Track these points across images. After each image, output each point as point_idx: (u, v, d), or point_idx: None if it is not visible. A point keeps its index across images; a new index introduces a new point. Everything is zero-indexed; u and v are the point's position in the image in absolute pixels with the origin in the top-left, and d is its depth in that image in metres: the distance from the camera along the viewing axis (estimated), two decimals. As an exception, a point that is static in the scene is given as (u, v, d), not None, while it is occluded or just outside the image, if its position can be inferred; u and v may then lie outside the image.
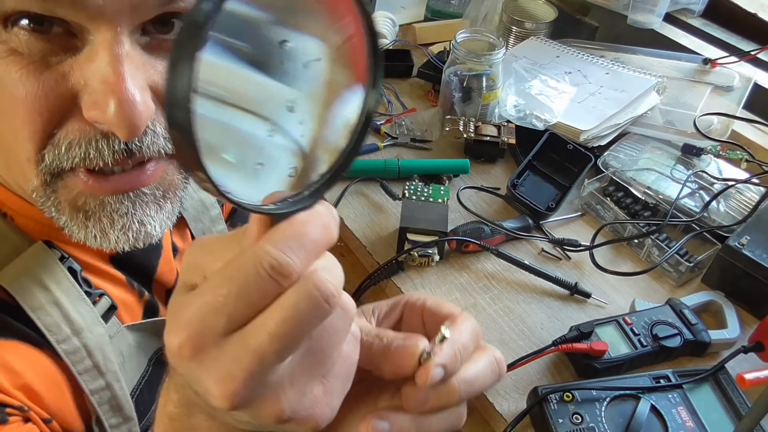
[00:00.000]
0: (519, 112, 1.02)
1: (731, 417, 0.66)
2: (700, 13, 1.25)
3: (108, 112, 0.41)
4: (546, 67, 1.13)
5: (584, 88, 1.09)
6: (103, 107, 0.41)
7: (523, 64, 1.12)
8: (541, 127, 1.00)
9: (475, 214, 0.91)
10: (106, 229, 0.47)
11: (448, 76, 1.05)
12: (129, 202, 0.47)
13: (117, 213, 0.47)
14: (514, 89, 1.06)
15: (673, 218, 0.88)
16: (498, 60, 1.03)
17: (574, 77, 1.11)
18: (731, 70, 1.13)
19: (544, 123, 1.00)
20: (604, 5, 1.25)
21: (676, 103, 1.08)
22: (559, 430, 0.63)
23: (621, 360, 0.71)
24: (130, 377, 0.57)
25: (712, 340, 0.74)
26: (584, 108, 1.04)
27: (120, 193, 0.46)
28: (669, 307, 0.77)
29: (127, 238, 0.48)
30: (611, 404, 0.66)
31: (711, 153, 0.99)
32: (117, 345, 0.55)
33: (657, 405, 0.66)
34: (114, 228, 0.47)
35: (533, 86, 1.07)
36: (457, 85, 1.03)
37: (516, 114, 1.02)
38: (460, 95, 1.03)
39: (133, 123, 0.41)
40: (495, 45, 1.04)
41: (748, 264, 0.79)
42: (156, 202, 0.49)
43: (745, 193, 0.93)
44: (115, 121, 0.41)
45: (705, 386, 0.69)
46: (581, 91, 1.08)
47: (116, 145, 0.44)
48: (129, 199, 0.47)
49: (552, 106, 1.03)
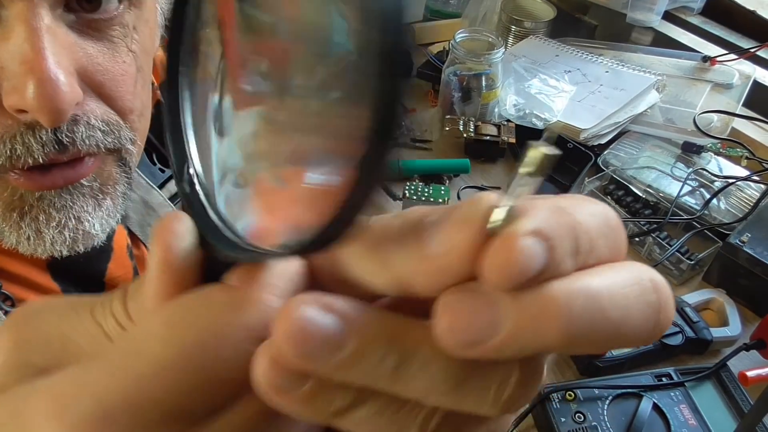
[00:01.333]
0: (519, 112, 1.03)
1: (733, 415, 0.67)
2: (699, 10, 1.25)
3: (27, 95, 0.36)
4: (545, 66, 1.13)
5: (584, 86, 1.09)
6: (22, 90, 0.36)
7: (523, 63, 1.12)
8: (542, 126, 1.00)
9: (476, 214, 0.91)
10: (41, 228, 0.42)
11: (447, 76, 1.05)
12: (67, 194, 0.43)
13: (54, 207, 0.42)
14: (513, 88, 1.06)
15: (674, 216, 0.88)
16: (497, 59, 1.03)
17: (574, 76, 1.11)
18: (730, 67, 1.14)
19: (544, 122, 1.00)
20: (603, 4, 1.25)
21: (676, 101, 1.08)
22: (561, 429, 0.63)
23: (623, 358, 0.71)
24: None
25: (713, 337, 0.74)
26: (584, 107, 1.04)
27: (58, 188, 0.42)
28: (670, 305, 0.77)
29: (64, 238, 0.43)
30: (613, 403, 0.66)
31: (711, 150, 0.99)
32: None
33: (659, 403, 0.66)
34: (49, 226, 0.42)
35: (533, 85, 1.08)
36: (457, 84, 1.03)
37: (516, 113, 1.03)
38: (460, 95, 1.03)
39: (57, 106, 0.37)
40: (494, 44, 1.05)
41: (749, 261, 0.79)
42: (93, 196, 0.44)
43: (745, 190, 0.93)
44: (36, 105, 0.36)
45: (707, 384, 0.69)
46: (581, 89, 1.08)
47: (44, 135, 0.39)
48: (67, 192, 0.43)
49: (552, 105, 1.03)
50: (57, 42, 0.37)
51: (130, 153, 0.46)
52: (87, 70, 0.41)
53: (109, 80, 0.42)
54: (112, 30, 0.42)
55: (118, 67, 0.43)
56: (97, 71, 0.42)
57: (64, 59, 0.38)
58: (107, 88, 0.43)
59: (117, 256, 0.57)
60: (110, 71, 0.42)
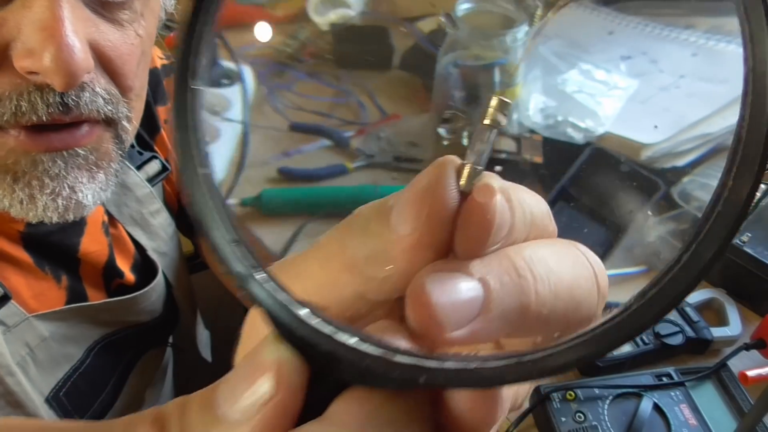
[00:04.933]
0: (548, 119, 0.74)
1: (734, 414, 0.67)
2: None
3: (44, 60, 0.39)
4: (591, 51, 0.79)
5: (651, 79, 0.76)
6: (40, 54, 0.39)
7: (556, 47, 0.78)
8: (582, 140, 0.73)
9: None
10: (35, 194, 0.44)
11: (444, 68, 0.76)
12: (62, 161, 0.44)
13: (48, 175, 0.44)
14: (540, 85, 0.76)
15: (675, 216, 0.88)
16: (518, 43, 0.73)
17: (636, 64, 0.77)
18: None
19: (585, 134, 0.72)
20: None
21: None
22: (562, 428, 0.64)
23: (623, 358, 0.72)
24: (48, 370, 0.54)
25: (714, 337, 0.75)
26: (650, 110, 0.74)
27: (54, 151, 0.44)
28: (671, 305, 0.78)
29: (57, 205, 0.45)
30: (614, 402, 0.67)
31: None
32: (19, 336, 0.51)
33: (659, 403, 0.66)
34: (43, 192, 0.44)
35: (569, 80, 0.76)
36: (458, 79, 0.74)
37: (544, 121, 0.74)
38: (463, 95, 0.75)
39: (72, 71, 0.40)
40: (514, 19, 0.73)
41: (749, 261, 0.79)
42: (88, 168, 0.46)
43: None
44: (53, 68, 0.39)
45: (707, 384, 0.70)
46: (645, 84, 0.76)
47: (51, 97, 0.42)
48: (62, 158, 0.44)
49: (598, 109, 0.73)
50: (75, 14, 0.40)
51: (125, 130, 0.49)
52: (99, 44, 0.44)
53: (116, 57, 0.46)
54: (123, 14, 0.46)
55: (125, 47, 0.46)
56: (107, 47, 0.45)
57: (80, 30, 0.41)
58: (114, 65, 0.46)
59: (91, 230, 0.58)
60: (119, 49, 0.46)
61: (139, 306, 0.63)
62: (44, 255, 0.54)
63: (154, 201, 0.67)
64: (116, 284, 0.62)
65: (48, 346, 0.53)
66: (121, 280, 0.63)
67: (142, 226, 0.66)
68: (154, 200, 0.67)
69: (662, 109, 0.74)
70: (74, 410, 0.55)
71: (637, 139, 0.70)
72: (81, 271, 0.58)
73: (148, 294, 0.63)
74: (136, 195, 0.65)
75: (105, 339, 0.60)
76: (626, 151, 0.71)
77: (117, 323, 0.61)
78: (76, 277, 0.58)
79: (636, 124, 0.72)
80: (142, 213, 0.66)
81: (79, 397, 0.56)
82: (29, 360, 0.52)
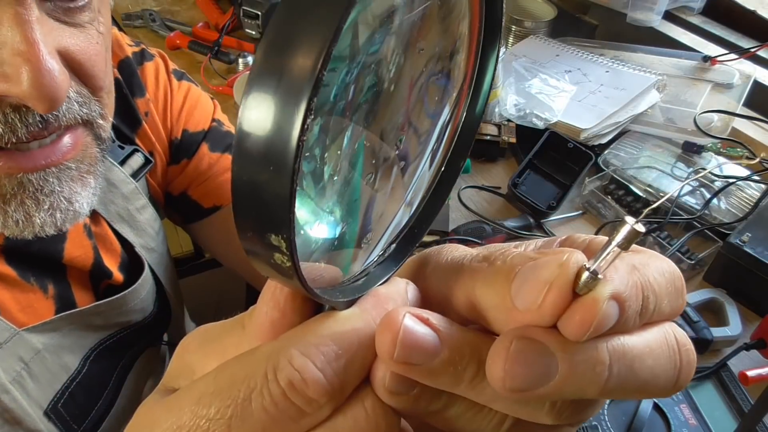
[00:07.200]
0: (519, 111, 1.03)
1: (734, 414, 0.67)
2: (699, 10, 1.25)
3: (22, 85, 0.37)
4: (546, 66, 1.13)
5: (584, 86, 1.09)
6: (16, 79, 0.37)
7: (523, 63, 1.12)
8: (542, 126, 1.00)
9: (477, 214, 0.91)
10: (31, 212, 0.43)
11: None
12: (53, 177, 0.43)
13: (42, 192, 0.43)
14: (514, 88, 1.06)
15: (674, 216, 0.88)
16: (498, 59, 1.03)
17: (574, 76, 1.11)
18: (731, 67, 1.14)
19: (544, 122, 1.00)
20: (603, 3, 1.25)
21: (677, 101, 1.08)
22: (562, 428, 0.64)
23: (623, 358, 0.71)
24: (45, 383, 0.52)
25: (714, 337, 0.74)
26: (584, 106, 1.05)
27: (41, 170, 0.42)
28: (671, 304, 0.77)
29: (54, 220, 0.44)
30: (614, 402, 0.66)
31: (711, 150, 0.99)
32: (11, 352, 0.49)
33: (659, 403, 0.66)
34: (40, 209, 0.43)
35: (533, 85, 1.08)
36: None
37: (516, 113, 1.03)
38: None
39: (54, 95, 0.38)
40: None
41: (749, 261, 0.79)
42: (81, 178, 0.45)
43: (745, 190, 0.93)
44: (34, 94, 0.37)
45: (707, 384, 0.70)
46: (581, 89, 1.08)
47: (30, 117, 0.40)
48: (53, 175, 0.43)
49: (552, 104, 1.03)
50: (44, 30, 0.38)
51: (102, 127, 0.48)
52: (68, 51, 0.42)
53: (86, 60, 0.44)
54: (84, 15, 0.44)
55: (92, 48, 0.45)
56: (76, 52, 0.43)
57: (51, 44, 0.39)
58: (85, 68, 0.44)
59: (73, 236, 0.57)
60: (86, 52, 0.44)
61: (130, 305, 0.61)
62: (28, 266, 0.53)
63: (140, 197, 0.66)
64: (105, 285, 0.61)
65: (43, 359, 0.52)
66: (110, 281, 0.61)
67: (129, 222, 0.64)
68: (140, 196, 0.66)
69: (591, 105, 1.05)
70: (72, 420, 0.54)
71: (577, 125, 1.01)
72: (69, 277, 0.57)
73: (137, 291, 0.62)
74: (122, 192, 0.64)
75: (100, 345, 0.59)
76: (571, 133, 1.00)
77: (110, 326, 0.60)
78: (65, 283, 0.56)
79: (577, 115, 1.02)
80: (128, 209, 0.64)
81: (77, 406, 0.55)
82: (25, 375, 0.50)
